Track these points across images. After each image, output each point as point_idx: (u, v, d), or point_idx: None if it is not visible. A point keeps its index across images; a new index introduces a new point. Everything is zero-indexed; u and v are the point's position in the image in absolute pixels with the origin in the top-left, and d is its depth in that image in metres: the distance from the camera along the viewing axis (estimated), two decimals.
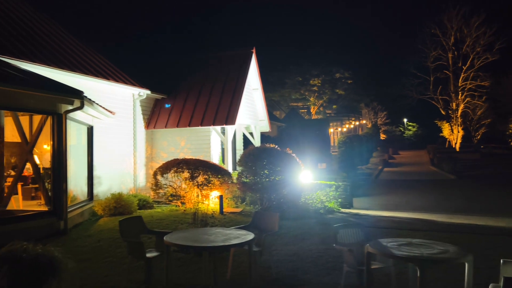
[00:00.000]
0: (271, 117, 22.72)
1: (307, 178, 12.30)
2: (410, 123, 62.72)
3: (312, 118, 55.47)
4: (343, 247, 5.17)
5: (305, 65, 54.93)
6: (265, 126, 18.72)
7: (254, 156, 11.34)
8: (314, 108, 57.43)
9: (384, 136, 59.89)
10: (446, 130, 46.87)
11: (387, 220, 10.83)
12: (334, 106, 59.57)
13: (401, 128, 63.90)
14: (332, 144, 46.41)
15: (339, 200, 12.69)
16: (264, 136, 19.80)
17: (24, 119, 11.30)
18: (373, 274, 4.95)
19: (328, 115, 59.88)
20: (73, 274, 4.83)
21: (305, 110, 59.36)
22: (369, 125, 57.71)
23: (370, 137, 41.52)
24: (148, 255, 5.41)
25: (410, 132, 62.20)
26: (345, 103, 60.15)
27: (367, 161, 34.57)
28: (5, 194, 9.41)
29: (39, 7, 15.13)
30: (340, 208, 12.45)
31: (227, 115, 14.50)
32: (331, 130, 55.52)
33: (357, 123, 65.48)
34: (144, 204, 12.11)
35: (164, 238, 5.06)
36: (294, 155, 11.75)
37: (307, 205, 11.36)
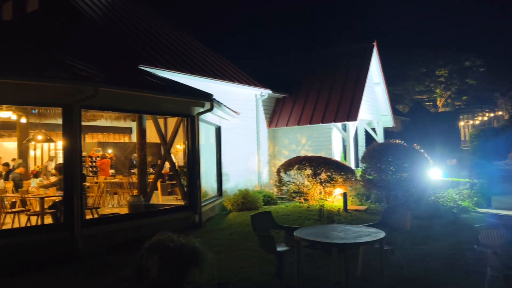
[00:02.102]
0: (394, 111, 21.70)
1: (437, 175, 11.55)
2: None
3: (439, 111, 51.77)
4: (486, 249, 4.78)
5: (429, 55, 51.36)
6: (389, 121, 18.01)
7: (378, 152, 11.00)
8: (440, 100, 53.52)
9: None
10: None
11: None
12: (464, 97, 54.78)
13: None
14: (462, 138, 42.82)
15: (475, 198, 11.67)
16: (386, 132, 19.06)
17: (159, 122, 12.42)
18: None
19: (457, 107, 55.31)
20: (211, 264, 5.21)
21: (431, 103, 55.59)
22: (506, 117, 51.89)
23: (507, 129, 37.40)
24: (278, 249, 5.60)
25: None
26: (476, 94, 54.90)
27: (504, 156, 31.16)
28: (148, 190, 10.47)
29: (166, 16, 16.57)
30: (475, 208, 11.46)
31: (348, 111, 14.28)
32: (461, 123, 51.22)
33: (491, 114, 59.38)
34: (268, 200, 12.51)
35: (294, 233, 5.20)
36: (422, 150, 11.13)
37: (438, 203, 10.65)
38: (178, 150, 15.57)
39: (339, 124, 14.74)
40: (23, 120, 12.49)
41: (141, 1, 16.72)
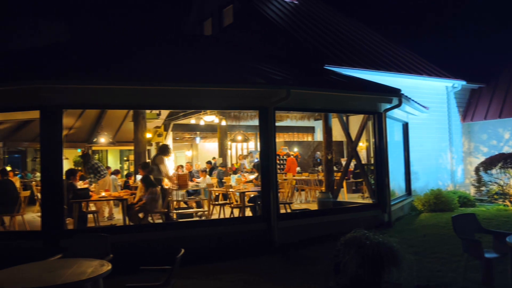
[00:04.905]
0: None
1: None
2: None
3: None
4: None
5: None
6: None
7: None
8: None
9: None
10: None
11: None
12: None
13: None
14: None
15: None
16: None
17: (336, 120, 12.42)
18: None
19: None
20: (410, 265, 5.02)
21: None
22: None
23: None
24: (486, 255, 5.08)
25: None
26: None
27: None
28: (335, 187, 10.65)
29: (344, 12, 16.52)
30: None
31: None
32: None
33: None
34: (464, 201, 11.44)
35: (507, 239, 4.64)
36: None
37: None
38: (361, 147, 15.44)
39: None
40: (223, 122, 14.04)
41: (320, 1, 17.08)
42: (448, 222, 8.48)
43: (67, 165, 13.89)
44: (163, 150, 9.92)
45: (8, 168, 13.39)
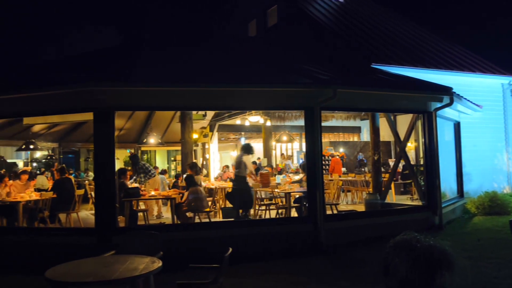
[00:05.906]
0: None
1: None
2: None
3: None
4: None
5: None
6: None
7: None
8: None
9: None
10: None
11: None
12: None
13: None
14: None
15: None
16: None
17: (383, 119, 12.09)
18: None
19: None
20: (464, 270, 4.82)
21: None
22: None
23: None
24: None
25: None
26: None
27: None
28: (383, 189, 10.41)
29: (390, 9, 16.11)
30: None
31: None
32: None
33: None
34: None
35: None
36: None
37: None
38: (410, 148, 15.00)
39: None
40: (268, 123, 14.07)
41: None
42: (505, 226, 8.11)
43: (118, 165, 14.39)
44: (247, 149, 10.12)
45: None
